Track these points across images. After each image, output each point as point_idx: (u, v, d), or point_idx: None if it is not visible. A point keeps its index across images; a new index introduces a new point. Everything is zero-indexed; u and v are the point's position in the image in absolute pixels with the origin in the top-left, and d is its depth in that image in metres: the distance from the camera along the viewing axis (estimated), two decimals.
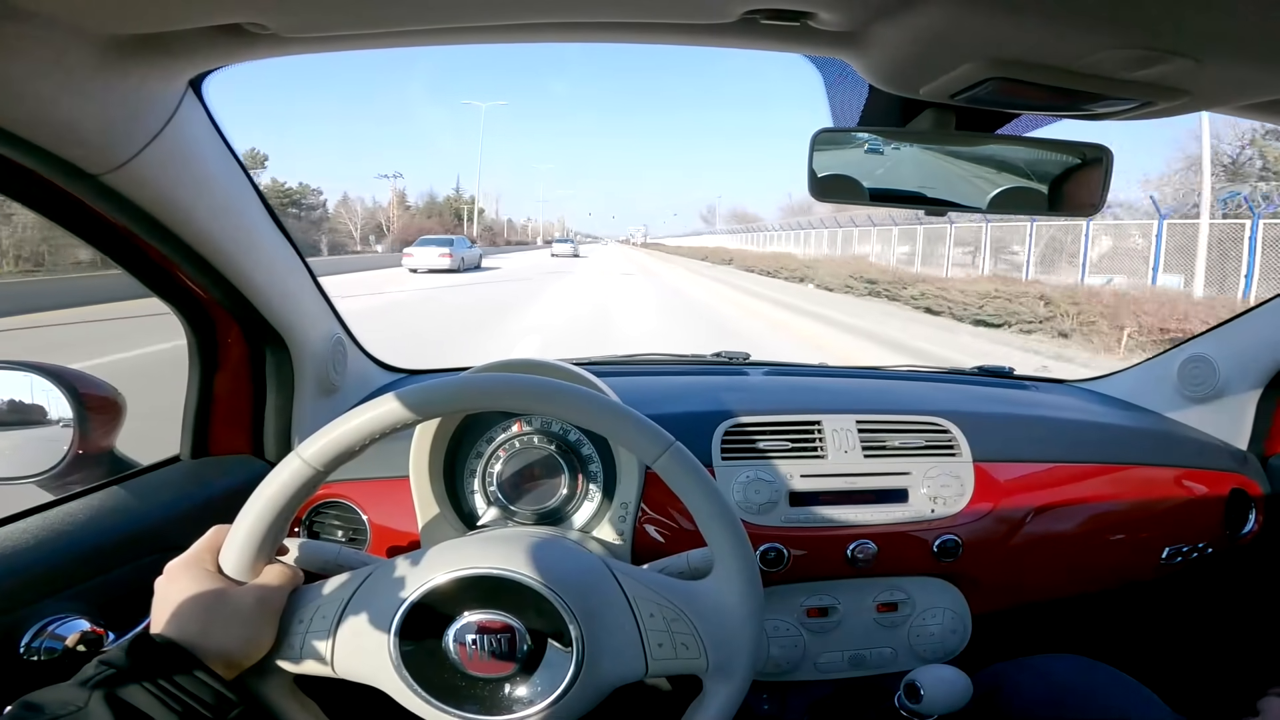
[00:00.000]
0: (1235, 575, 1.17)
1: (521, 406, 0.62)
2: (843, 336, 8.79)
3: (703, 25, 0.57)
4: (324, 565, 0.65)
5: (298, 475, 0.56)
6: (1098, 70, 0.53)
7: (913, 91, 0.62)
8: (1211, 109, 0.63)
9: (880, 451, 1.00)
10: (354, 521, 0.93)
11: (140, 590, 0.59)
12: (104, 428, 0.81)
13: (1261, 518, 1.12)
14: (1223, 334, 1.19)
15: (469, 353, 5.96)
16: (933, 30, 0.50)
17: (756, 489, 0.94)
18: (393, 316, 9.61)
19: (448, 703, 0.54)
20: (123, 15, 0.50)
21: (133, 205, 0.65)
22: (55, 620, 0.63)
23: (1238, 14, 0.44)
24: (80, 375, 0.80)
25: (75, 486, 0.75)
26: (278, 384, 0.91)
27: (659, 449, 0.58)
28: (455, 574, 0.55)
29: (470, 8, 0.54)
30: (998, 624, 1.05)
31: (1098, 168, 0.71)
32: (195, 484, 0.84)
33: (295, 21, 0.54)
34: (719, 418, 0.99)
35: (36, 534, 0.65)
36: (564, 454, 0.90)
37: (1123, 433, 1.16)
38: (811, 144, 0.70)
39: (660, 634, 0.57)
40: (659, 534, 0.92)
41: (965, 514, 0.98)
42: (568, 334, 8.21)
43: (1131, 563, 1.07)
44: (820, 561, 0.95)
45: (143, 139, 0.61)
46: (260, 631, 0.54)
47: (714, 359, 1.35)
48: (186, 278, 0.79)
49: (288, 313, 0.87)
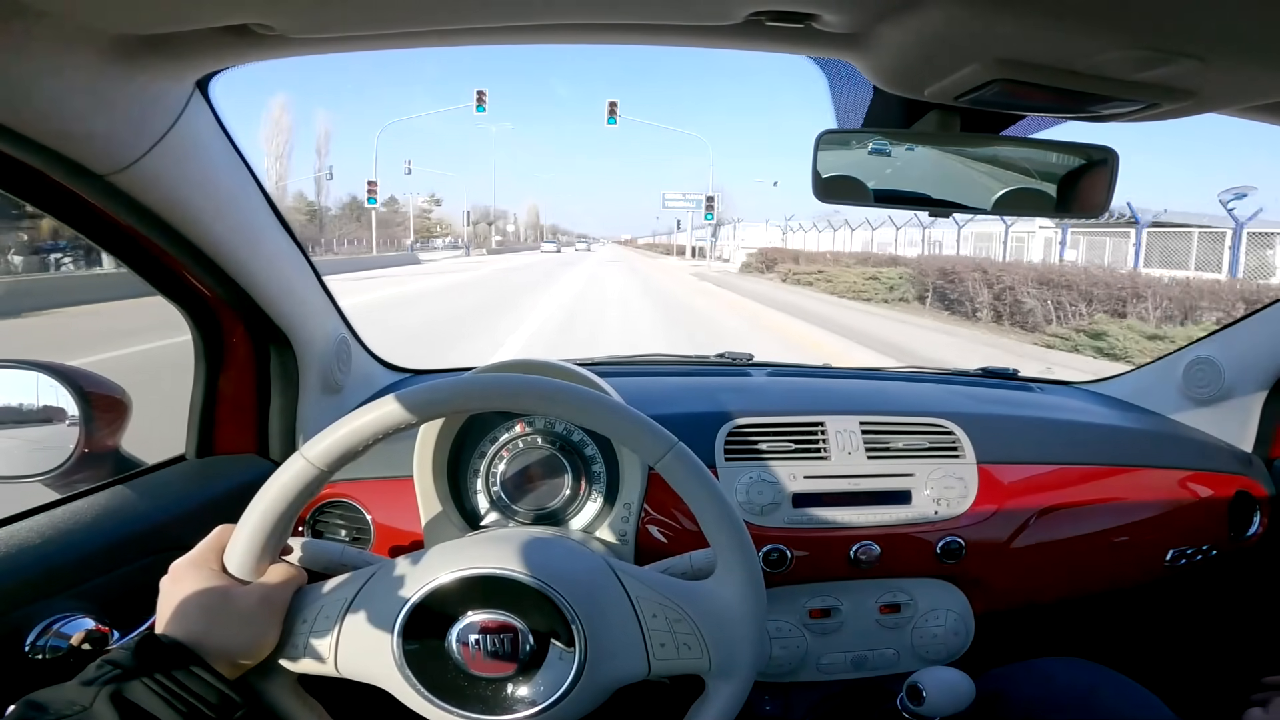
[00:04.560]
0: (1240, 578, 1.16)
1: (524, 407, 0.62)
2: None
3: (707, 27, 0.57)
4: (328, 565, 0.65)
5: (302, 475, 0.56)
6: (1103, 72, 0.53)
7: (917, 93, 0.62)
8: (1217, 111, 0.62)
9: (883, 453, 1.00)
10: (358, 521, 0.93)
11: (145, 589, 0.59)
12: (109, 427, 0.82)
13: (1266, 520, 1.11)
14: (1228, 336, 1.19)
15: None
16: (937, 32, 0.50)
17: (759, 490, 0.94)
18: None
19: (450, 702, 0.54)
20: (130, 16, 0.50)
21: (140, 205, 0.65)
22: (60, 619, 0.63)
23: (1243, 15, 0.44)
24: (86, 374, 0.80)
25: (81, 485, 0.76)
26: (282, 383, 0.91)
27: (662, 449, 0.58)
28: (458, 574, 0.55)
29: (475, 8, 0.54)
30: (1001, 626, 1.05)
31: (1104, 169, 0.71)
32: (200, 483, 0.85)
33: (301, 22, 0.54)
34: (722, 419, 0.99)
35: (42, 532, 0.65)
36: (567, 454, 0.90)
37: (1127, 435, 1.16)
38: (816, 145, 0.70)
39: (663, 634, 0.57)
40: (662, 535, 0.92)
41: (968, 516, 0.98)
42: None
43: (1136, 565, 1.07)
44: (823, 563, 0.95)
45: (150, 139, 0.61)
46: (264, 631, 0.55)
47: (717, 360, 1.35)
48: (192, 277, 0.79)
49: (293, 312, 0.88)
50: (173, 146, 0.63)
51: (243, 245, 0.77)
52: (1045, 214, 0.75)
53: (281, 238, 0.85)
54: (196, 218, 0.70)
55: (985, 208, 0.74)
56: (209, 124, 0.69)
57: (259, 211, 0.80)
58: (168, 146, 0.63)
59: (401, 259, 31.86)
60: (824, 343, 8.37)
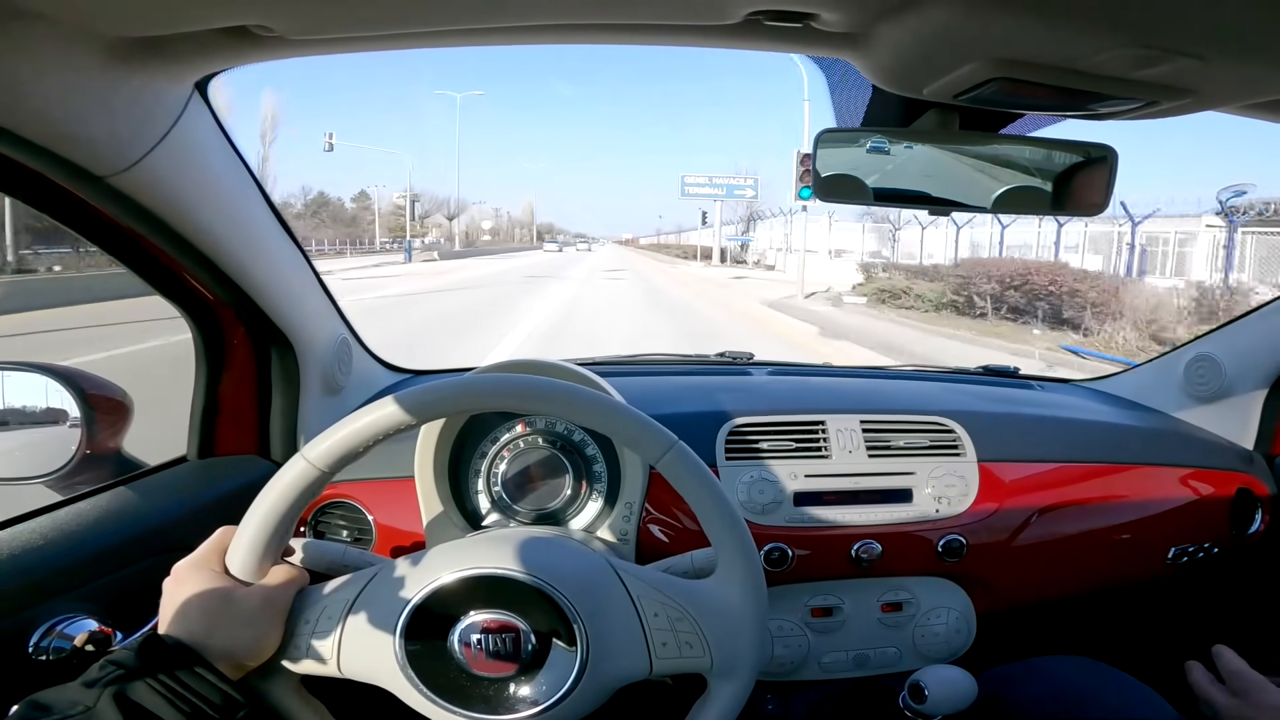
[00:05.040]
0: (1241, 575, 1.16)
1: (524, 407, 0.62)
2: None
3: (706, 26, 0.57)
4: (329, 565, 0.65)
5: (303, 477, 0.56)
6: (1102, 70, 0.53)
7: (916, 92, 0.62)
8: (1216, 109, 0.62)
9: (885, 451, 1.00)
10: (359, 521, 0.93)
11: (148, 590, 0.60)
12: (111, 428, 0.82)
13: (1268, 517, 1.11)
14: (1229, 333, 1.18)
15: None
16: (936, 31, 0.50)
17: (760, 489, 0.94)
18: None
19: (453, 702, 0.54)
20: (128, 18, 0.50)
21: (139, 207, 0.65)
22: (63, 620, 0.63)
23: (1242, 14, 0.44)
24: (88, 376, 0.80)
25: (83, 487, 0.76)
26: (283, 384, 0.91)
27: (662, 448, 0.58)
28: (460, 574, 0.56)
29: (474, 9, 0.54)
30: (1003, 624, 1.05)
31: (1103, 167, 0.71)
32: (202, 484, 0.85)
33: (300, 24, 0.54)
34: (723, 418, 0.99)
35: (45, 534, 0.66)
36: (568, 454, 0.90)
37: (1128, 432, 1.16)
38: (815, 143, 0.70)
39: (664, 633, 0.57)
40: (663, 534, 0.92)
41: (970, 514, 0.98)
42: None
43: (1137, 563, 1.07)
44: (824, 561, 0.95)
45: (149, 141, 0.61)
46: (267, 632, 0.55)
47: (717, 359, 1.35)
48: (193, 279, 0.79)
49: (293, 313, 0.88)
50: (172, 148, 0.63)
51: (242, 246, 0.77)
52: (1044, 212, 0.75)
53: (281, 238, 0.85)
54: (196, 219, 0.71)
55: (984, 206, 0.74)
56: (208, 125, 0.69)
57: (258, 212, 0.80)
58: (167, 148, 0.63)
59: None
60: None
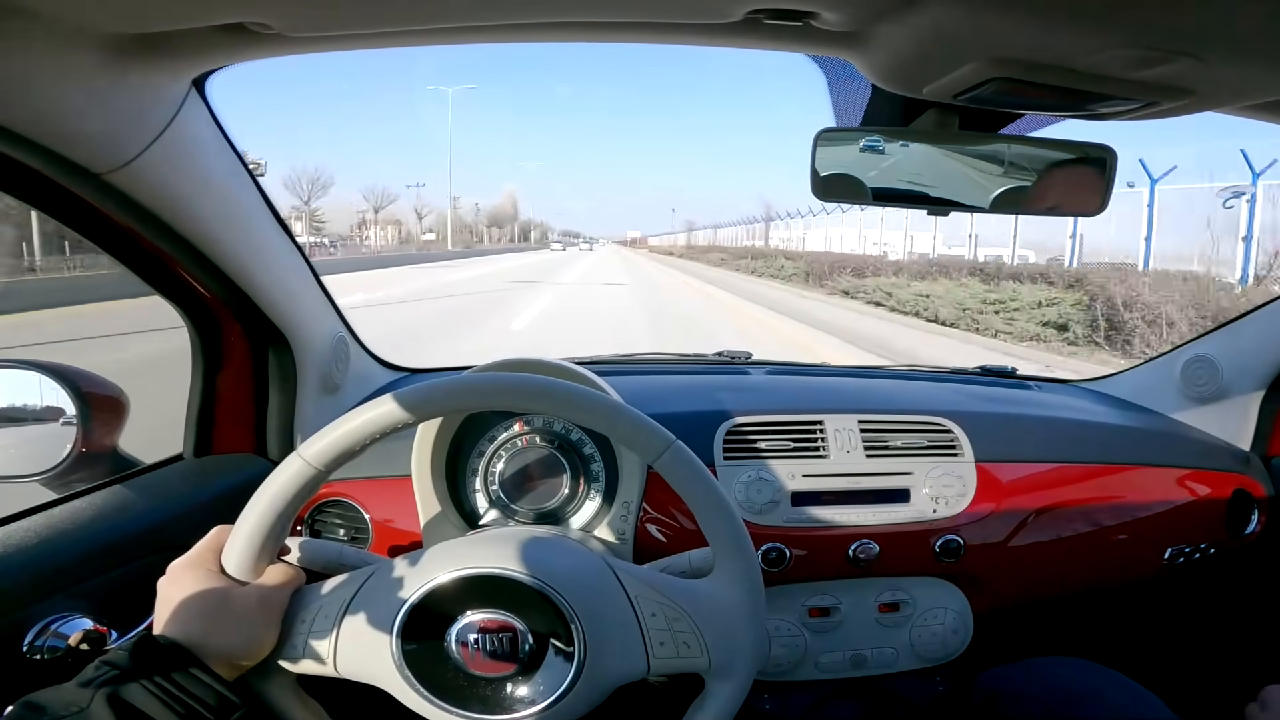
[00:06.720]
0: (1238, 576, 1.16)
1: (522, 405, 0.62)
2: None
3: (706, 25, 0.57)
4: (326, 564, 0.65)
5: (299, 475, 0.56)
6: (1101, 70, 0.53)
7: (916, 91, 0.62)
8: (1215, 109, 0.62)
9: (882, 451, 1.00)
10: (356, 520, 0.93)
11: (143, 589, 0.59)
12: (107, 426, 0.81)
13: (1264, 518, 1.11)
14: (1226, 334, 1.19)
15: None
16: (935, 30, 0.50)
17: (758, 489, 0.94)
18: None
19: (450, 702, 0.54)
20: (126, 15, 0.50)
21: (136, 204, 0.65)
22: (58, 619, 0.63)
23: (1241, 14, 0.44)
24: (84, 374, 0.80)
25: (78, 485, 0.76)
26: (280, 383, 0.91)
27: (660, 448, 0.58)
28: (457, 574, 0.55)
29: (473, 7, 0.54)
30: (1000, 624, 1.05)
31: (1101, 167, 0.71)
32: (198, 483, 0.85)
33: (298, 21, 0.54)
34: (721, 417, 0.99)
35: (40, 532, 0.65)
36: (566, 453, 0.90)
37: (1125, 433, 1.16)
38: (814, 143, 0.70)
39: (662, 633, 0.57)
40: (661, 534, 0.92)
41: (967, 514, 0.98)
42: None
43: (1134, 563, 1.07)
44: (822, 561, 0.95)
45: (146, 138, 0.61)
46: (263, 632, 0.54)
47: (716, 358, 1.35)
48: (190, 276, 0.79)
49: (290, 311, 0.88)
50: (169, 145, 0.63)
51: (240, 244, 0.77)
52: (1043, 212, 0.75)
53: (279, 236, 0.85)
54: (193, 216, 0.70)
55: (983, 206, 0.74)
56: (206, 123, 0.69)
57: (256, 210, 0.80)
58: (164, 145, 0.63)
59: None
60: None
